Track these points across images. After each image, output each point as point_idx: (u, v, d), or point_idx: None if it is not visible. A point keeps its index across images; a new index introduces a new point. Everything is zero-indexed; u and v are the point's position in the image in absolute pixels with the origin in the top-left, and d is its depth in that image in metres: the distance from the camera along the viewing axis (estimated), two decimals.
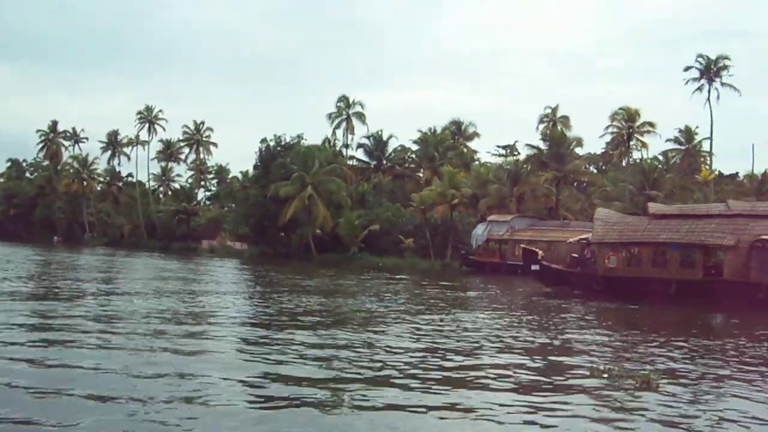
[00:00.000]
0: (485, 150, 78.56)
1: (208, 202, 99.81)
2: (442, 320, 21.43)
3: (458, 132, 68.27)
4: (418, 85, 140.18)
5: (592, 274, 33.55)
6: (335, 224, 63.35)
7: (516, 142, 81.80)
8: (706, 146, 70.36)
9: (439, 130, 66.03)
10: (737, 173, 78.24)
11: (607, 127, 71.85)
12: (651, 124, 70.76)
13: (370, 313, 23.17)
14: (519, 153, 79.30)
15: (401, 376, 12.58)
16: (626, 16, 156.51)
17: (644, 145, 72.93)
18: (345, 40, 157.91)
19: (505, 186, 66.15)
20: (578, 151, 71.70)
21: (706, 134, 70.90)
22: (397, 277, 46.51)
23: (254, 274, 47.22)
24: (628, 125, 70.87)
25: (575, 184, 73.87)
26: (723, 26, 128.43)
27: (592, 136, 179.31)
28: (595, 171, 77.48)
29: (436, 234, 63.91)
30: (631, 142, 72.43)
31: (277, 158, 64.79)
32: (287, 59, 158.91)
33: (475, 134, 70.08)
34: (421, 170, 65.77)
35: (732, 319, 25.97)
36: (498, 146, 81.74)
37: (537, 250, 37.38)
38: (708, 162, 70.13)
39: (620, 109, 70.12)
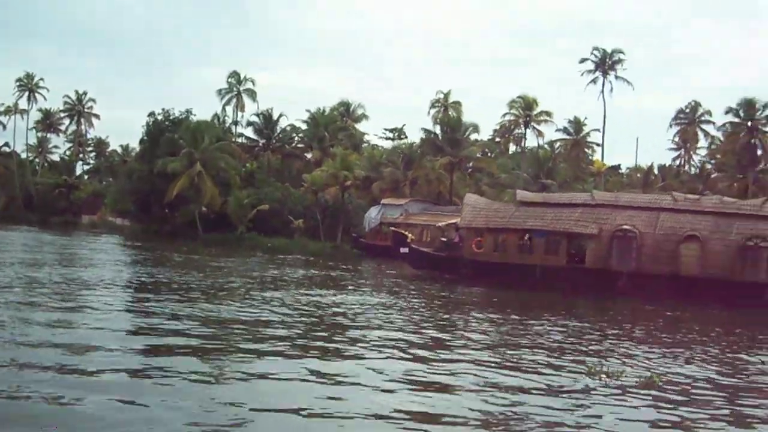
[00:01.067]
0: (373, 133, 78.32)
1: (86, 177, 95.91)
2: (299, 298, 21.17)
3: (347, 113, 67.76)
4: (303, 66, 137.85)
5: (459, 258, 33.71)
6: (223, 203, 61.84)
7: (404, 125, 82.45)
8: (594, 137, 72.38)
9: (327, 111, 65.34)
10: (619, 165, 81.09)
11: (504, 115, 73.10)
12: (548, 114, 72.36)
13: (247, 289, 23.05)
14: (407, 136, 79.71)
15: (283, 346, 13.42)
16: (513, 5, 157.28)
17: (540, 134, 74.50)
18: (235, 16, 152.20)
19: (398, 169, 66.18)
20: (476, 137, 72.50)
21: (596, 125, 73.11)
22: (288, 258, 46.02)
23: (135, 250, 45.84)
24: (525, 113, 72.18)
25: (470, 170, 74.65)
26: (616, 20, 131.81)
27: (489, 123, 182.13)
28: (492, 156, 78.53)
29: (326, 216, 63.32)
30: (528, 130, 73.88)
31: (165, 133, 62.62)
32: (171, 34, 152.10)
33: (364, 116, 70.06)
34: (311, 150, 64.91)
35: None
36: (385, 129, 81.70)
37: (406, 232, 37.40)
38: (594, 153, 72.27)
39: (518, 97, 71.47)
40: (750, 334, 22.01)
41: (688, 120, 76.04)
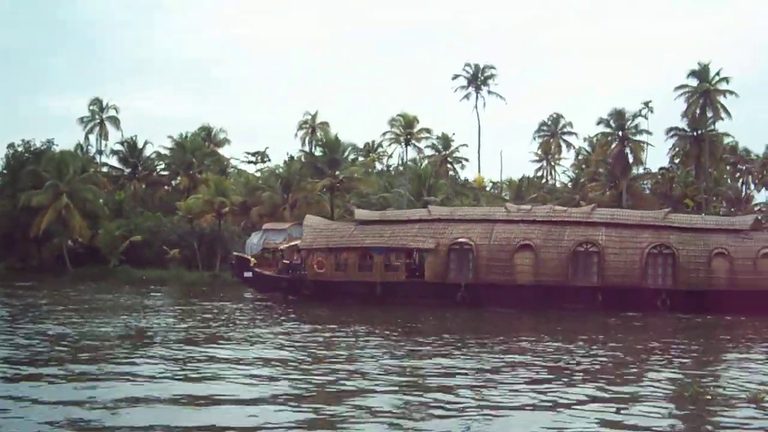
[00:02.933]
0: (233, 157, 76.64)
1: None
2: None
3: (208, 138, 66.82)
4: (153, 91, 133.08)
5: (302, 279, 33.62)
6: (93, 235, 59.82)
7: (267, 148, 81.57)
8: (462, 152, 73.71)
9: (189, 136, 64.31)
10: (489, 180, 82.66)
11: (385, 133, 73.20)
12: (428, 131, 73.00)
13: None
14: (270, 159, 79.02)
15: None
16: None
17: (421, 151, 75.22)
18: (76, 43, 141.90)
19: (277, 193, 65.58)
20: (353, 157, 72.54)
21: (465, 140, 74.42)
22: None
23: None
24: (406, 131, 72.48)
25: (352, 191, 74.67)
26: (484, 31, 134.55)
27: (358, 142, 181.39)
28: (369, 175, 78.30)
29: (202, 244, 62.12)
30: (408, 147, 74.18)
31: (27, 165, 60.26)
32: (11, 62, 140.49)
33: (226, 140, 68.89)
34: (177, 177, 63.64)
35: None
36: (247, 153, 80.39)
37: (249, 257, 37.11)
38: (464, 167, 73.58)
39: (398, 115, 71.41)
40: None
41: (551, 132, 78.47)
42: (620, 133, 68.66)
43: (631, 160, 70.71)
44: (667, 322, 28.71)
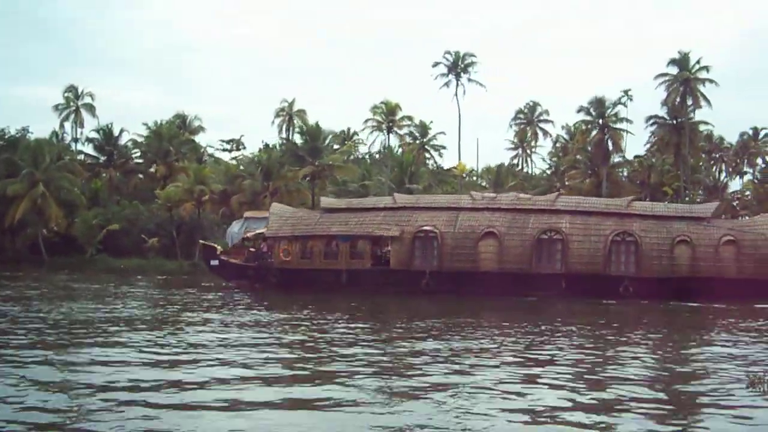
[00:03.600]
0: (208, 145, 75.88)
1: None
2: None
3: (183, 126, 66.29)
4: (126, 79, 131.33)
5: (269, 267, 33.73)
6: (69, 224, 59.59)
7: (242, 136, 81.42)
8: (440, 140, 73.68)
9: (164, 124, 63.86)
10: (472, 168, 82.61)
11: (367, 121, 72.69)
12: (410, 118, 72.85)
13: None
14: (245, 147, 78.67)
15: None
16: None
17: (402, 138, 75.07)
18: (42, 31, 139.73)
19: (257, 181, 65.28)
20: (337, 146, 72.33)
21: (444, 128, 74.28)
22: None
23: None
24: (389, 119, 72.13)
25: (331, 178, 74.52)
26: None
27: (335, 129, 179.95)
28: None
29: (181, 232, 62.06)
30: (390, 135, 73.88)
31: (1, 153, 59.93)
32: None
33: (201, 128, 68.20)
34: (154, 165, 63.31)
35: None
36: (222, 141, 79.99)
37: (215, 245, 37.21)
38: (441, 156, 73.64)
39: (381, 102, 70.79)
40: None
41: (527, 120, 78.53)
42: (600, 120, 69.21)
43: (610, 147, 71.38)
44: (632, 308, 29.00)
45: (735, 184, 76.22)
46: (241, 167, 67.36)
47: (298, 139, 70.13)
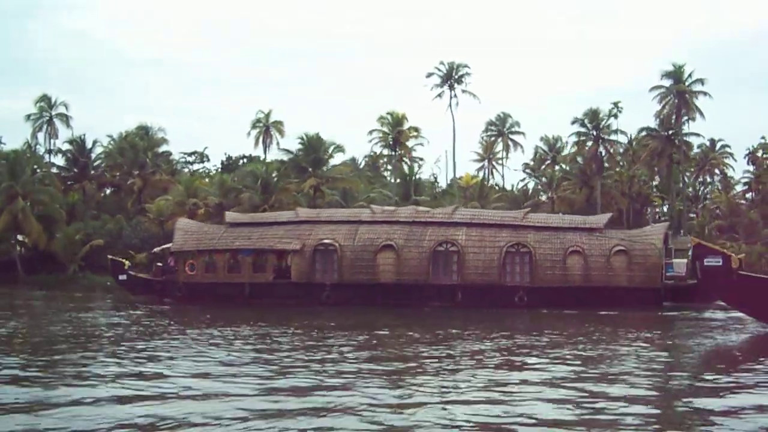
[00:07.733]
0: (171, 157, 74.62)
1: None
2: None
3: (146, 137, 65.49)
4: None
5: (175, 281, 34.87)
6: (48, 240, 58.81)
7: (206, 148, 79.95)
8: (418, 152, 73.65)
9: (127, 136, 63.44)
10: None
11: (372, 131, 71.91)
12: (416, 129, 71.48)
13: None
14: (209, 159, 78.09)
15: None
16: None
17: (408, 150, 74.21)
18: None
19: (257, 194, 63.55)
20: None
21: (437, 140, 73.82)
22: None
23: None
24: (395, 130, 71.24)
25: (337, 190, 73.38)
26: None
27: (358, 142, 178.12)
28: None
29: None
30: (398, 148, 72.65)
31: None
32: None
33: (164, 140, 66.76)
34: (131, 178, 62.98)
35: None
36: (184, 153, 77.98)
37: (123, 260, 38.42)
38: (420, 167, 73.88)
39: (387, 113, 69.86)
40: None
41: (498, 132, 79.25)
42: (595, 132, 69.10)
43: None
44: (525, 317, 29.58)
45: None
46: (235, 179, 65.90)
47: (279, 150, 68.76)
